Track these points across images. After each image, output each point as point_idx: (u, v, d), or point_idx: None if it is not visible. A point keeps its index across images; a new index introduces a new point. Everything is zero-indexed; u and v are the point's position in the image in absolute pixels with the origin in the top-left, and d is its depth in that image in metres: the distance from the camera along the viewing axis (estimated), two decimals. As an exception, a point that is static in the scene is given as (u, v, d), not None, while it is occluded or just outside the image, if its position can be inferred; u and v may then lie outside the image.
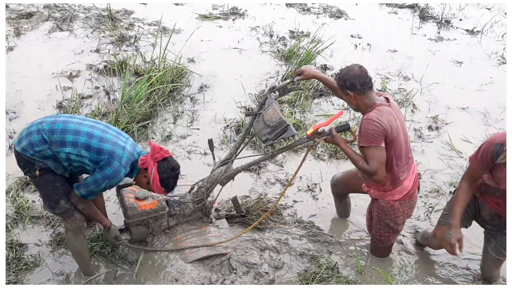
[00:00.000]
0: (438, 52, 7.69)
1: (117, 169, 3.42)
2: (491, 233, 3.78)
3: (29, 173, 3.51)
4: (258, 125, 3.99)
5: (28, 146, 3.38)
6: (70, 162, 3.45)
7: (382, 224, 3.91)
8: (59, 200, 3.52)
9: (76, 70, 6.48)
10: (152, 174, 3.52)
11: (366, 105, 3.59)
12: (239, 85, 6.39)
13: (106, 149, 3.40)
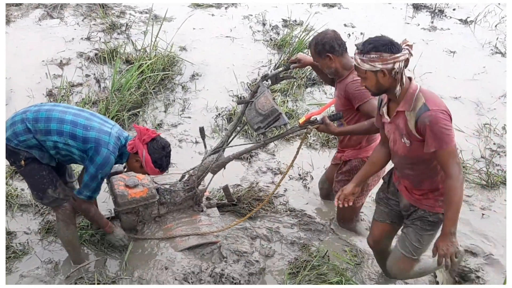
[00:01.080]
0: (431, 42, 7.67)
1: (106, 155, 3.39)
2: (405, 226, 3.40)
3: (14, 164, 3.46)
4: (250, 114, 3.96)
5: (12, 136, 3.33)
6: (57, 151, 3.41)
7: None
8: (46, 189, 3.46)
9: (66, 58, 6.40)
10: (144, 156, 3.48)
11: (344, 66, 3.65)
12: (231, 73, 6.34)
13: (91, 137, 3.36)
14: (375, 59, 2.81)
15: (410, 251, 3.26)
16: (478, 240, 4.34)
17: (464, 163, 5.13)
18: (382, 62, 2.81)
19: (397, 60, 2.81)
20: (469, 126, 5.73)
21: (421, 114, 2.85)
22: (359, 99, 3.57)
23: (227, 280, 3.70)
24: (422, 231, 3.19)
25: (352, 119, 3.74)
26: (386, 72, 2.83)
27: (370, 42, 2.85)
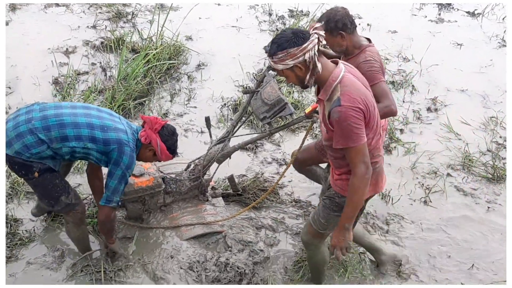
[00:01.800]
0: (438, 34, 7.62)
1: (131, 154, 3.35)
2: (320, 201, 3.38)
3: (25, 176, 3.30)
4: (255, 103, 3.95)
5: (22, 149, 3.17)
6: (73, 155, 3.32)
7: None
8: (59, 197, 3.38)
9: (72, 46, 6.39)
10: (159, 145, 3.48)
11: (355, 44, 3.62)
12: (237, 63, 6.32)
13: (112, 138, 3.28)
14: (284, 57, 2.74)
15: (317, 224, 3.26)
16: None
17: (470, 156, 5.12)
18: (291, 58, 2.73)
19: (305, 51, 2.71)
20: (476, 119, 5.71)
21: (333, 107, 2.75)
22: (370, 79, 3.43)
23: (232, 269, 3.72)
24: (329, 210, 3.16)
25: None
26: (301, 66, 2.76)
27: (274, 41, 2.78)
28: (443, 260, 4.06)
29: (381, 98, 3.45)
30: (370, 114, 2.82)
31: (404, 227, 4.33)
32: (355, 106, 2.74)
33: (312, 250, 3.45)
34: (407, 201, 4.57)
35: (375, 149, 2.97)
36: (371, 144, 2.90)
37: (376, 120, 2.92)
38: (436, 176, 4.89)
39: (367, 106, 2.79)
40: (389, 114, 3.53)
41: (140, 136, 3.47)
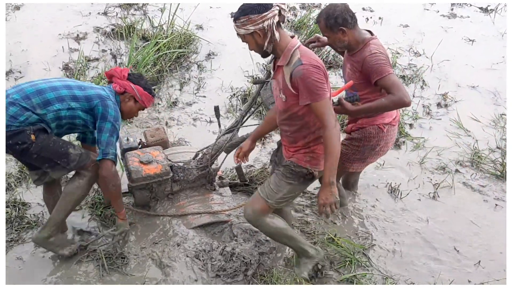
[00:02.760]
0: (450, 29, 7.56)
1: (114, 107, 3.40)
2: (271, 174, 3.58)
3: (23, 145, 3.18)
4: (265, 94, 3.94)
5: (10, 120, 3.15)
6: (59, 122, 3.32)
7: (361, 148, 3.87)
8: (67, 150, 3.32)
9: (83, 32, 6.40)
10: (135, 89, 3.51)
11: (357, 39, 3.59)
12: (247, 54, 6.23)
13: (92, 94, 3.36)
14: (245, 22, 2.95)
15: (266, 192, 3.30)
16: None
17: (479, 153, 5.10)
18: (252, 23, 2.94)
19: (265, 19, 2.92)
20: (486, 116, 5.67)
21: (295, 68, 2.93)
22: (377, 73, 3.49)
23: (237, 259, 3.72)
24: (282, 177, 3.26)
25: (367, 92, 3.64)
26: (260, 33, 2.96)
27: (240, 7, 3.01)
28: (451, 254, 4.04)
29: (392, 90, 3.42)
30: (327, 78, 3.02)
31: (409, 221, 4.32)
32: (315, 64, 2.95)
33: (259, 225, 3.42)
34: (415, 196, 4.55)
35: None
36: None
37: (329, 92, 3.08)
38: (445, 172, 4.87)
39: (324, 69, 3.00)
40: (401, 105, 3.51)
41: (113, 88, 3.50)
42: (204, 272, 3.67)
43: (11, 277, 3.53)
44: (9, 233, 3.83)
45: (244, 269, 3.68)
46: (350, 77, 3.71)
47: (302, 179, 3.27)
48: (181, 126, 5.17)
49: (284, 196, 3.32)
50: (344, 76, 3.90)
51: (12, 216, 3.92)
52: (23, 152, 3.22)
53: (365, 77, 3.59)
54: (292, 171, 3.24)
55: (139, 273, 3.65)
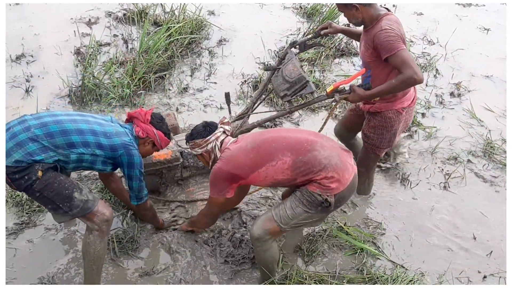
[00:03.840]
0: (465, 18, 7.46)
1: (138, 154, 3.30)
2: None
3: (28, 181, 2.97)
4: (276, 80, 3.91)
5: (24, 156, 2.95)
6: (79, 164, 3.17)
7: (386, 135, 3.86)
8: (71, 194, 3.08)
9: (95, 16, 6.39)
10: (157, 135, 3.40)
11: (372, 16, 3.55)
12: (258, 40, 6.27)
13: (117, 144, 3.20)
14: (193, 145, 3.35)
15: (280, 216, 3.21)
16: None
17: (492, 143, 5.04)
18: (198, 146, 3.34)
19: (208, 142, 3.31)
20: (499, 106, 5.60)
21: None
22: (387, 50, 3.44)
23: (246, 246, 3.73)
24: (299, 203, 3.17)
25: (381, 70, 3.62)
26: (206, 154, 3.35)
27: (190, 132, 3.41)
28: (462, 244, 4.02)
29: (402, 68, 3.38)
30: None
31: (419, 210, 4.29)
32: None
33: (259, 246, 3.30)
34: (426, 186, 4.52)
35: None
36: None
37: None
38: (456, 162, 4.82)
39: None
40: (413, 84, 3.45)
41: (136, 132, 3.36)
42: (212, 258, 3.69)
43: (21, 259, 3.58)
44: (20, 216, 3.86)
45: (252, 256, 3.69)
46: (364, 55, 3.69)
47: (320, 207, 3.15)
48: (191, 112, 5.16)
49: (299, 222, 3.22)
50: (360, 55, 3.87)
51: (23, 199, 3.95)
52: (27, 188, 3.01)
53: (377, 54, 3.56)
54: (307, 200, 3.15)
55: (148, 257, 3.67)
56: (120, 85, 5.18)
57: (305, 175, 3.11)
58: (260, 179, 3.18)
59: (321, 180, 3.09)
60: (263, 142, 3.21)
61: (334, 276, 3.60)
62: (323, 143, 3.19)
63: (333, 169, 3.10)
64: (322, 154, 3.11)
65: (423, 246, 3.98)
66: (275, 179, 3.15)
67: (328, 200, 3.11)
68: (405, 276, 3.61)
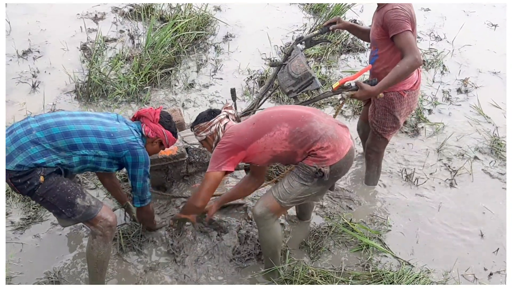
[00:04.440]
0: (472, 14, 7.40)
1: (143, 152, 3.25)
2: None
3: (31, 186, 2.96)
4: (282, 77, 3.91)
5: (26, 160, 2.92)
6: (83, 165, 3.15)
7: (389, 117, 3.91)
8: (74, 200, 3.05)
9: (101, 12, 6.40)
10: (165, 134, 3.38)
11: None
12: (265, 36, 6.25)
13: (122, 144, 3.16)
14: (198, 130, 3.39)
15: (278, 192, 3.29)
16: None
17: (499, 140, 5.01)
18: (203, 130, 3.38)
19: (212, 124, 3.35)
20: (507, 102, 5.56)
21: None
22: (394, 28, 3.49)
23: (252, 242, 3.73)
24: (295, 177, 3.25)
25: (387, 50, 3.69)
26: (211, 137, 3.39)
27: (195, 118, 3.44)
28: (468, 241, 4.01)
29: (405, 50, 3.45)
30: None
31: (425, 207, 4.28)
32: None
33: (263, 225, 3.35)
34: (432, 182, 4.51)
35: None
36: None
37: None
38: (463, 158, 4.80)
39: None
40: (416, 66, 3.52)
41: (145, 132, 3.32)
42: (218, 254, 3.69)
43: (28, 254, 3.60)
44: (27, 211, 3.88)
45: (258, 252, 3.69)
46: (373, 33, 3.72)
47: (316, 179, 3.20)
48: (197, 108, 5.16)
49: (298, 197, 3.28)
50: (370, 33, 3.87)
51: (30, 195, 3.96)
52: (30, 193, 3.00)
53: (385, 33, 3.60)
54: (304, 173, 3.22)
55: (153, 252, 3.68)
56: (126, 81, 5.19)
57: (302, 145, 3.16)
58: (259, 150, 3.22)
59: (317, 151, 3.15)
60: (262, 115, 3.32)
61: (340, 272, 3.60)
62: (319, 117, 3.26)
63: (329, 139, 3.16)
64: (319, 125, 3.19)
65: (429, 243, 3.96)
66: (274, 151, 3.20)
67: (322, 170, 3.15)
68: (411, 273, 3.59)
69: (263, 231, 3.39)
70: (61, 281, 3.44)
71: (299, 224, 3.99)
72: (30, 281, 3.41)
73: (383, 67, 3.74)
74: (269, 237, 3.40)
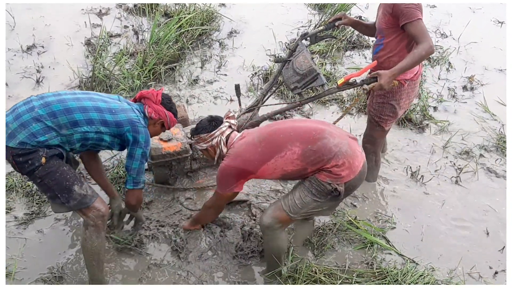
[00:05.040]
0: (478, 11, 7.36)
1: (145, 131, 3.23)
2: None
3: (31, 166, 2.95)
4: (287, 73, 3.88)
5: (28, 138, 2.92)
6: (84, 142, 3.12)
7: (386, 105, 3.91)
8: (71, 186, 3.03)
9: (105, 7, 6.37)
10: (168, 116, 3.38)
11: None
12: (269, 32, 6.22)
13: (123, 120, 3.14)
14: (198, 140, 3.36)
15: (289, 205, 3.20)
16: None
17: (505, 137, 4.97)
18: (203, 141, 3.34)
19: (214, 137, 3.30)
20: (507, 100, 5.52)
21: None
22: (407, 16, 3.49)
23: (255, 239, 3.71)
24: (308, 192, 3.16)
25: (393, 39, 3.68)
26: (211, 149, 3.35)
27: (195, 126, 3.39)
28: (473, 239, 3.99)
29: (420, 37, 3.47)
30: None
31: (430, 205, 4.25)
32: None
33: (269, 235, 3.29)
34: (437, 180, 4.48)
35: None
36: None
37: None
38: (469, 156, 4.77)
39: None
40: (430, 53, 3.54)
41: (149, 113, 3.31)
42: (220, 251, 3.67)
43: (31, 249, 3.58)
44: (30, 206, 3.87)
45: (261, 249, 3.67)
46: (380, 21, 3.71)
47: (329, 196, 3.14)
48: (201, 104, 5.14)
49: (310, 211, 3.21)
50: (376, 23, 3.85)
51: (33, 190, 3.95)
52: (29, 173, 3.00)
53: (394, 21, 3.59)
54: (316, 189, 3.13)
55: (155, 252, 3.66)
56: (130, 76, 5.17)
57: (316, 164, 3.09)
58: (269, 171, 3.16)
59: (331, 169, 3.07)
60: (270, 134, 3.19)
61: (344, 270, 3.58)
62: (331, 131, 3.17)
63: (344, 156, 3.08)
64: (332, 141, 3.09)
65: (434, 241, 3.94)
66: (285, 170, 3.13)
67: (338, 189, 3.09)
68: (415, 271, 3.57)
69: (268, 240, 3.34)
70: (64, 276, 3.42)
71: (303, 221, 3.97)
72: (33, 276, 3.40)
73: (387, 56, 3.74)
74: (274, 246, 3.36)
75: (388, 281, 3.48)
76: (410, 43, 3.66)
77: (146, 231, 3.75)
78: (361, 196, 4.25)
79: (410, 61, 3.51)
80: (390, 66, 3.61)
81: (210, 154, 3.39)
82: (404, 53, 3.68)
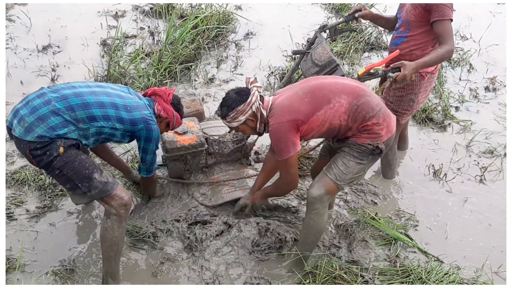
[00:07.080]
0: (499, 14, 7.22)
1: (157, 128, 3.23)
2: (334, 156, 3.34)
3: (50, 157, 2.90)
4: (305, 65, 3.80)
5: (47, 131, 2.88)
6: (98, 136, 3.11)
7: (405, 98, 3.81)
8: (91, 175, 2.97)
9: (122, 10, 6.36)
10: (175, 116, 3.35)
11: None
12: (286, 34, 6.15)
13: (138, 118, 3.13)
14: (236, 115, 3.12)
15: (334, 174, 3.18)
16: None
17: (530, 137, 4.82)
18: (242, 114, 3.12)
19: (251, 104, 3.10)
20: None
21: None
22: (440, 13, 3.43)
23: (272, 235, 3.59)
24: (350, 157, 3.17)
25: (419, 33, 3.60)
26: (252, 118, 3.15)
27: (223, 105, 3.17)
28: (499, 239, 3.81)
29: (446, 38, 3.43)
30: None
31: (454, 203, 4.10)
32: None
33: (318, 209, 3.21)
34: (460, 178, 4.33)
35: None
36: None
37: None
38: (493, 155, 4.62)
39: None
40: (449, 57, 3.53)
41: (158, 110, 3.29)
42: (236, 246, 3.55)
43: (42, 242, 3.50)
44: (42, 200, 3.79)
45: (278, 246, 3.55)
46: (409, 13, 3.60)
47: (371, 156, 3.17)
48: (217, 102, 5.05)
49: (354, 176, 3.21)
50: (399, 13, 3.75)
51: (46, 183, 3.88)
52: (47, 165, 2.94)
53: (425, 15, 3.51)
54: (357, 150, 3.15)
55: (167, 246, 3.56)
56: (145, 75, 5.11)
57: (359, 120, 3.09)
58: (318, 123, 3.09)
59: (372, 127, 3.08)
60: (315, 86, 3.15)
61: (367, 268, 3.43)
62: (370, 92, 3.19)
63: (383, 115, 3.13)
64: (373, 100, 3.12)
65: (459, 240, 3.80)
66: (332, 124, 3.09)
67: (380, 147, 3.12)
68: (440, 269, 3.42)
69: (316, 214, 3.24)
70: (76, 269, 3.32)
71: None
72: (44, 269, 3.30)
73: (410, 49, 3.63)
74: (319, 221, 3.27)
75: (412, 279, 3.33)
76: (434, 40, 3.56)
77: (161, 224, 3.65)
78: (382, 193, 4.11)
79: (434, 57, 3.44)
80: (412, 59, 3.51)
81: (250, 126, 3.21)
82: (427, 48, 3.59)
